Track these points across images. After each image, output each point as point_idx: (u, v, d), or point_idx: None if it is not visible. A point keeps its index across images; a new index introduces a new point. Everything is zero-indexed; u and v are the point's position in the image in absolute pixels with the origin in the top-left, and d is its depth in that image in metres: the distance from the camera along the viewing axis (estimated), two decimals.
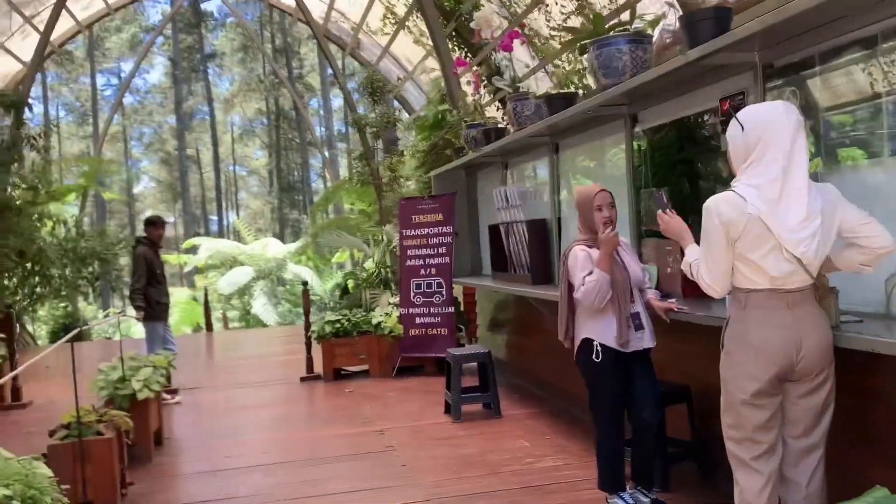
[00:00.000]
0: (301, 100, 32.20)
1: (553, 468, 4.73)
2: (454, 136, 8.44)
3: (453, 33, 11.14)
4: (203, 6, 39.05)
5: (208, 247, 23.91)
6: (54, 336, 17.62)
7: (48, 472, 3.20)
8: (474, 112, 7.79)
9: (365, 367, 8.35)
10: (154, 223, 7.73)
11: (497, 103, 10.11)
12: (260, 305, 22.09)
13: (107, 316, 25.43)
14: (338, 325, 8.26)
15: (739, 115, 2.76)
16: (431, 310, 8.20)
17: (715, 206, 2.71)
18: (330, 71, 23.38)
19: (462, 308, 8.74)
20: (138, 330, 13.80)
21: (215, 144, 40.15)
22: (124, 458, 4.50)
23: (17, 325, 8.33)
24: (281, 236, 33.35)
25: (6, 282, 13.17)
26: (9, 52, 13.69)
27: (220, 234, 35.33)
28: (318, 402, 7.61)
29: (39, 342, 17.15)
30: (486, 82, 8.62)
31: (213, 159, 40.47)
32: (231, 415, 7.04)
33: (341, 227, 15.03)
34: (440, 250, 8.24)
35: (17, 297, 14.33)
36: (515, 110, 5.74)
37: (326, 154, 29.10)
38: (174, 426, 6.60)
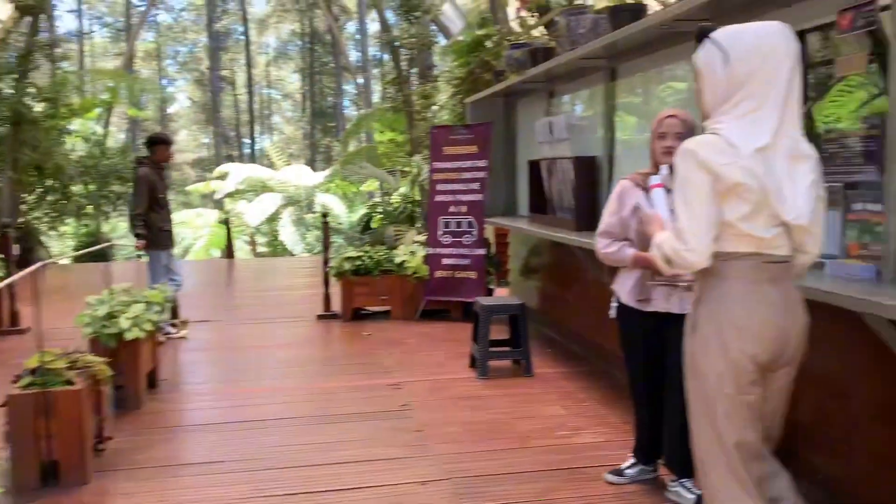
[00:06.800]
0: (336, 23, 30.95)
1: (591, 445, 4.09)
2: (494, 56, 7.57)
3: None
4: None
5: (238, 174, 23.11)
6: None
7: None
8: (520, 31, 6.92)
9: (386, 308, 7.75)
10: (160, 142, 6.97)
11: (542, 28, 9.18)
12: (288, 233, 21.63)
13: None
14: (358, 263, 7.61)
15: (719, 37, 2.12)
16: (460, 251, 7.52)
17: (696, 150, 2.11)
18: None
19: (493, 250, 8.03)
20: None
21: (249, 66, 39.17)
22: (102, 410, 3.94)
23: (16, 245, 7.76)
24: (312, 163, 32.62)
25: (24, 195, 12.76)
26: None
27: (252, 159, 34.67)
28: (334, 345, 7.04)
29: (65, 261, 16.87)
30: None
31: (247, 81, 39.58)
32: (239, 354, 6.50)
33: (369, 155, 14.31)
34: (473, 186, 7.49)
35: (37, 213, 13.99)
36: (569, 26, 4.90)
37: (360, 80, 28.08)
38: (175, 364, 6.08)
